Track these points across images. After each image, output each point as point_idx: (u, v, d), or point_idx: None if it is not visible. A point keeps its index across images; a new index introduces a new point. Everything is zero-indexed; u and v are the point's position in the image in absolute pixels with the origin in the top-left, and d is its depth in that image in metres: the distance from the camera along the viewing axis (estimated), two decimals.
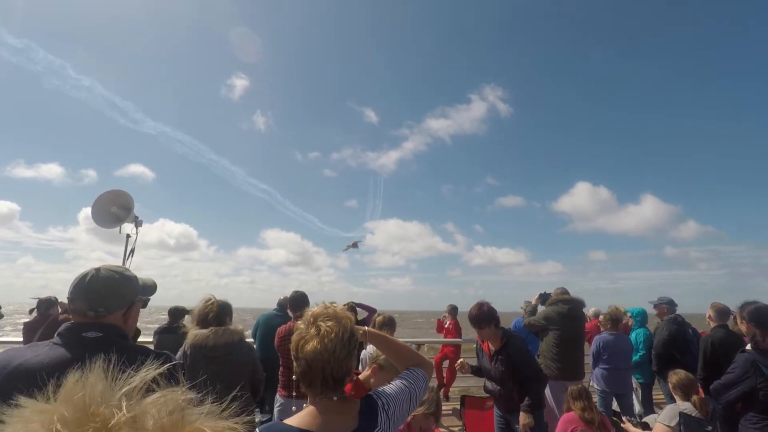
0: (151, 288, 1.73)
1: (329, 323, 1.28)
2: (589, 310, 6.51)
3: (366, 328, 1.57)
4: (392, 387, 1.39)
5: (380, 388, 1.39)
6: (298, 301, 4.21)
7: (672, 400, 3.71)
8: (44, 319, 4.27)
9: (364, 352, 3.48)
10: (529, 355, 3.53)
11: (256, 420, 3.64)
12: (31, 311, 4.72)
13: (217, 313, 2.89)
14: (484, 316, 3.43)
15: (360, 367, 3.56)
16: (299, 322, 1.36)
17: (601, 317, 5.53)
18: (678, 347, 5.05)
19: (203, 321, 2.89)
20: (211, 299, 2.97)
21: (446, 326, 8.27)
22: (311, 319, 1.31)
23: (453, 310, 8.18)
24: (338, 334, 1.26)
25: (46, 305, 4.53)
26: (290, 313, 4.33)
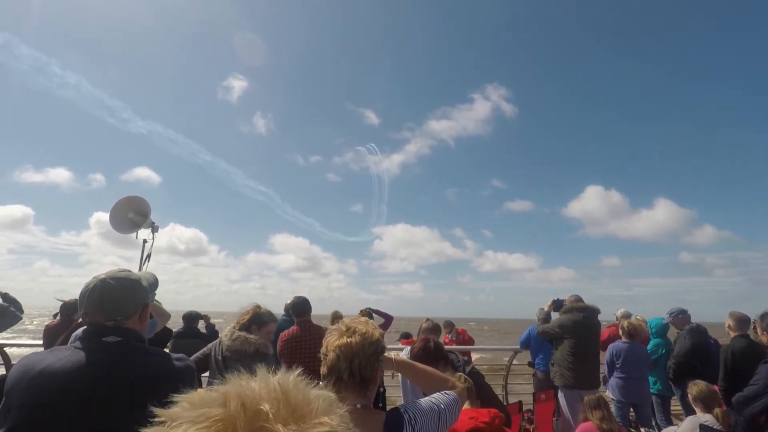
0: (155, 284, 1.77)
1: (359, 325, 1.40)
2: (617, 312, 6.32)
3: (394, 356, 1.61)
4: (421, 403, 1.39)
5: (409, 403, 1.41)
6: (299, 306, 4.20)
7: (690, 412, 3.62)
8: (67, 323, 4.16)
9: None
10: (498, 402, 3.10)
11: None
12: (55, 315, 4.67)
13: (246, 321, 2.96)
14: (431, 356, 2.74)
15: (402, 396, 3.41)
16: (332, 326, 1.45)
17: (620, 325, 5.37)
18: (701, 357, 4.92)
19: (238, 325, 2.99)
20: (250, 307, 3.04)
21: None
22: (343, 322, 1.44)
23: (449, 325, 7.63)
24: (367, 333, 1.37)
25: (71, 310, 4.36)
26: (294, 318, 4.32)
